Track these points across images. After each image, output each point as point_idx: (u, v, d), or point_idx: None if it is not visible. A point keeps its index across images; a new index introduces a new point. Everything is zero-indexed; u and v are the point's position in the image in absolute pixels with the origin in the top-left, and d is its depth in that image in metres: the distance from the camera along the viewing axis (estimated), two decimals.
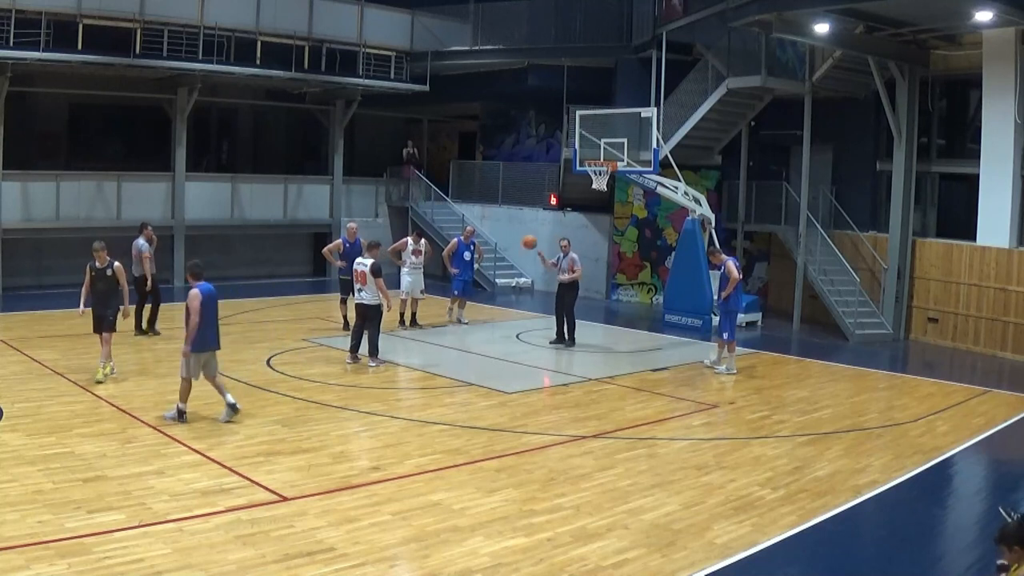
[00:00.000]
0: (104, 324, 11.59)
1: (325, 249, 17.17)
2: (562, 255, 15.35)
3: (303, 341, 14.82)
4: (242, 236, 23.65)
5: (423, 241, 17.07)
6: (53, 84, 20.53)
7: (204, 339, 9.91)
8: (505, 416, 10.75)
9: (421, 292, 16.59)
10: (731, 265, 13.77)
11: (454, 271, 17.23)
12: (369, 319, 13.14)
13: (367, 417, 10.47)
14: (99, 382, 11.30)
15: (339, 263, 15.96)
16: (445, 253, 17.62)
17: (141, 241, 14.74)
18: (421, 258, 16.64)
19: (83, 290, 11.76)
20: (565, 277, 15.25)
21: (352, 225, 16.38)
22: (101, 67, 19.42)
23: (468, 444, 9.56)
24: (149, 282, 14.58)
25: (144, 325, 14.87)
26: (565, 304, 15.37)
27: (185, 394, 9.85)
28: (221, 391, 10.00)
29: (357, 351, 13.16)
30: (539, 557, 6.69)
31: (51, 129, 22.27)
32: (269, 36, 21.36)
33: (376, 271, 12.95)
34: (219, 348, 10.18)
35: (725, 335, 13.76)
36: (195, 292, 9.94)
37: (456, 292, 17.27)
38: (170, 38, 19.73)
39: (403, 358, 13.86)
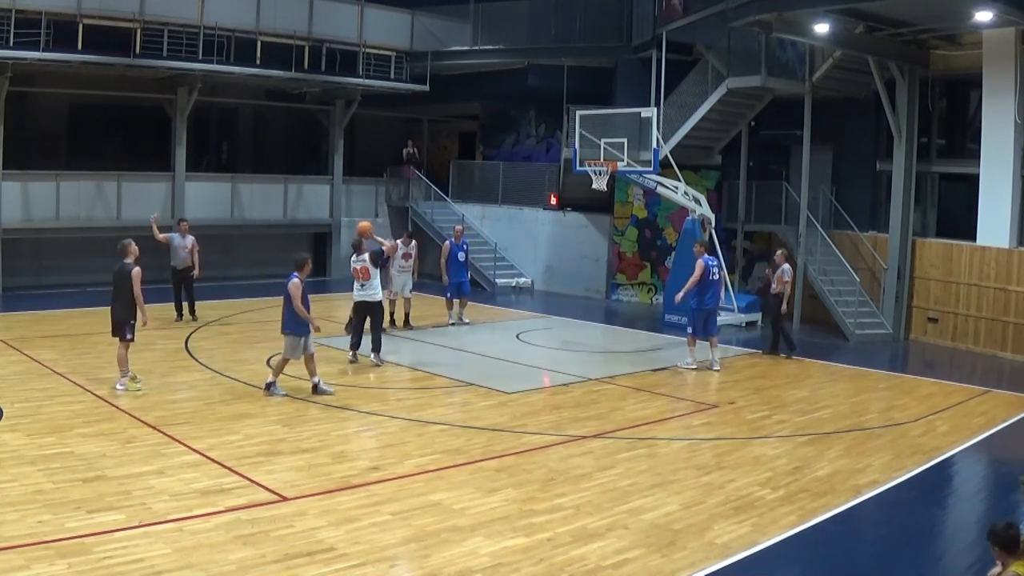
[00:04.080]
0: None
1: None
2: (776, 265, 15.26)
3: None
4: (242, 236, 23.64)
5: (413, 243, 16.61)
6: (53, 84, 20.53)
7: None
8: (505, 416, 10.75)
9: (410, 291, 16.35)
10: (699, 264, 13.88)
11: (446, 280, 17.03)
12: (372, 315, 13.11)
13: (367, 417, 10.48)
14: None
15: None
16: (442, 261, 17.22)
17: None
18: (411, 261, 16.27)
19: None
20: (775, 287, 15.17)
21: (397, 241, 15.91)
22: (101, 67, 19.41)
23: (468, 444, 9.56)
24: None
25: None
26: (777, 315, 15.25)
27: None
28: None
29: (358, 348, 13.14)
30: (539, 557, 6.69)
31: (51, 129, 22.27)
32: (269, 36, 21.35)
33: (376, 260, 12.94)
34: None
35: (689, 330, 14.12)
36: (296, 282, 11.02)
37: (448, 296, 17.07)
38: (170, 38, 19.73)
39: (403, 358, 13.85)
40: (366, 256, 12.99)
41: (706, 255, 14.13)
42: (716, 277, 14.17)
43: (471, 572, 6.40)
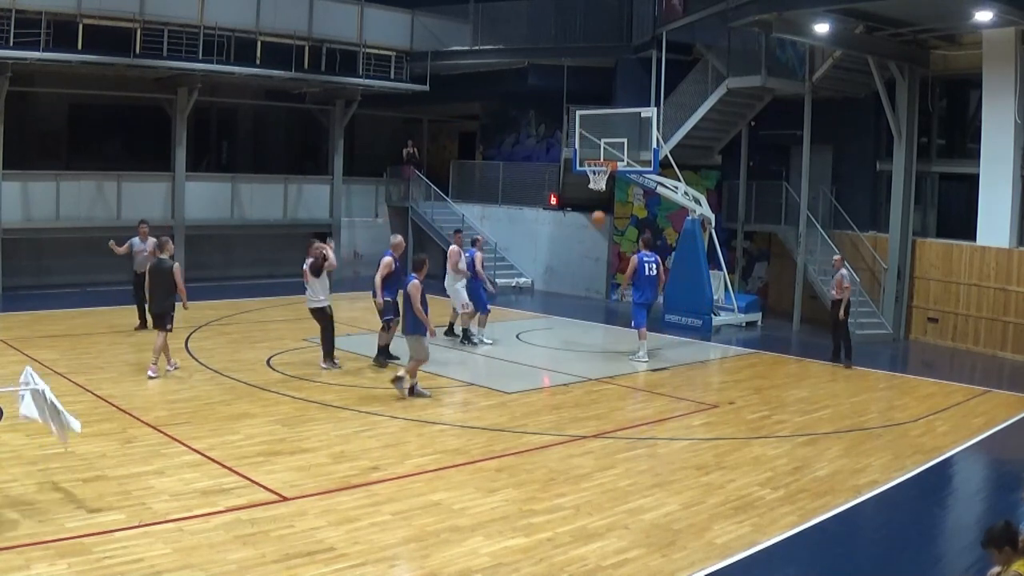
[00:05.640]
0: None
1: (378, 278, 12.93)
2: (833, 271, 14.97)
3: (303, 341, 14.81)
4: (242, 236, 23.63)
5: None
6: (53, 84, 20.53)
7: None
8: (505, 416, 10.75)
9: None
10: (632, 258, 14.66)
11: (491, 288, 15.63)
12: (320, 321, 12.81)
13: (367, 417, 10.48)
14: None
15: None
16: (478, 268, 15.30)
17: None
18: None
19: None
20: (834, 294, 14.87)
21: (401, 240, 13.92)
22: (101, 67, 19.40)
23: (468, 444, 9.56)
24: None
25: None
26: (837, 322, 14.91)
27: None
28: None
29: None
30: (539, 557, 6.69)
31: (51, 129, 22.28)
32: (269, 36, 21.35)
33: (314, 267, 12.61)
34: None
35: (633, 323, 14.53)
36: (416, 283, 11.07)
37: (488, 308, 15.47)
38: (170, 38, 19.73)
39: (403, 358, 13.81)
40: (309, 261, 12.71)
41: (643, 251, 14.66)
42: (652, 273, 14.51)
43: (471, 572, 6.40)
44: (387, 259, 12.98)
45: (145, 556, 6.31)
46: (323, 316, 12.91)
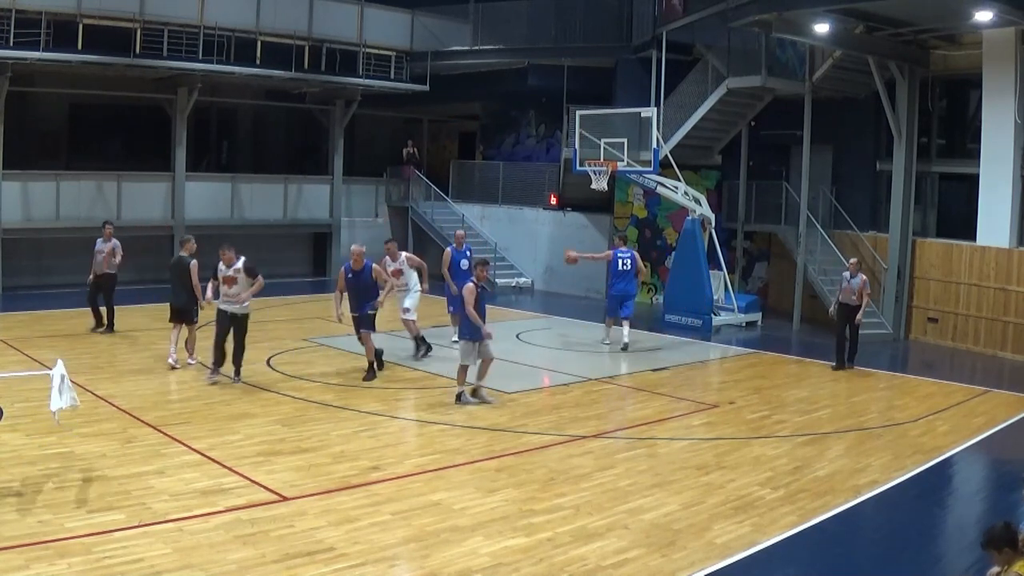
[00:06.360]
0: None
1: (337, 290, 12.92)
2: (848, 275, 14.22)
3: (303, 341, 14.82)
4: (242, 236, 23.56)
5: (404, 256, 14.19)
6: (53, 84, 20.53)
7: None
8: (505, 416, 10.75)
9: (403, 311, 13.90)
10: (607, 252, 16.41)
11: (455, 290, 13.71)
12: (244, 330, 11.85)
13: (367, 417, 10.48)
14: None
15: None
16: (444, 271, 14.67)
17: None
18: (403, 278, 13.91)
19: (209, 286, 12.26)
20: (854, 299, 14.13)
21: (358, 248, 12.90)
22: (101, 67, 19.40)
23: (468, 444, 9.56)
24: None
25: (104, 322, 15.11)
26: (850, 326, 14.34)
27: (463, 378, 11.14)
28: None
29: (222, 364, 11.83)
30: (539, 557, 6.69)
31: (51, 129, 22.27)
32: (269, 36, 21.35)
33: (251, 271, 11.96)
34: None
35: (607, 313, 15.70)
36: (470, 286, 11.13)
37: (451, 310, 14.63)
38: (170, 38, 19.73)
39: (403, 358, 13.82)
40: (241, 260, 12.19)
41: (620, 248, 15.88)
42: (626, 268, 15.45)
43: (471, 572, 6.40)
44: (341, 271, 12.81)
45: (145, 556, 6.31)
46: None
